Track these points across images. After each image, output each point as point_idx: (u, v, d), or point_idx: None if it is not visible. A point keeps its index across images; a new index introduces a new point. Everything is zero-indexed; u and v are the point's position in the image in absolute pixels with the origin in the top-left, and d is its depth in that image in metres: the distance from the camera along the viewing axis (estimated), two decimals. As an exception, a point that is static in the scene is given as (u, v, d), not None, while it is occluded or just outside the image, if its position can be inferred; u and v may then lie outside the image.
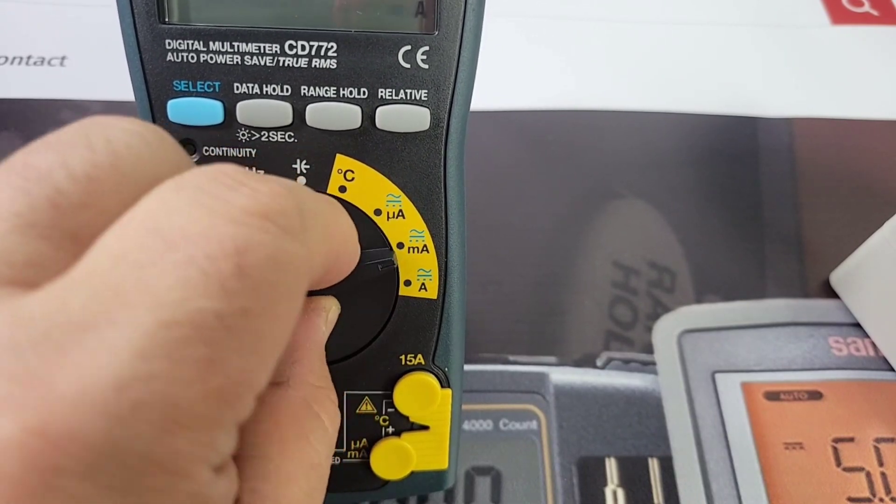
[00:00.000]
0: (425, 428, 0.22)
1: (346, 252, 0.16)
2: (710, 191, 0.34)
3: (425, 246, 0.20)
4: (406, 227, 0.20)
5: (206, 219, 0.11)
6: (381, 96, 0.18)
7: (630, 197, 0.34)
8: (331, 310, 0.18)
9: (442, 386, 0.21)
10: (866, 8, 0.43)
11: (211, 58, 0.18)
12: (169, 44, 0.18)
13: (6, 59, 0.37)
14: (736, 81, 0.39)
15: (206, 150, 0.19)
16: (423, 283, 0.20)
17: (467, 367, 0.28)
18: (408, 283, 0.20)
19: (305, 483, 0.15)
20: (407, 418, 0.22)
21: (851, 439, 0.27)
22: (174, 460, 0.10)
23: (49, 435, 0.09)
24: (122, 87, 0.37)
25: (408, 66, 0.18)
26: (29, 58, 0.37)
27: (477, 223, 0.32)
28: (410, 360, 0.21)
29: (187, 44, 0.18)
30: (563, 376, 0.28)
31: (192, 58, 0.18)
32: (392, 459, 0.22)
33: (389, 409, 0.21)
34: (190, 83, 0.18)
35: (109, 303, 0.10)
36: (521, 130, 0.36)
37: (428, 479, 0.22)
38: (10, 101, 0.35)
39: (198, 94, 0.18)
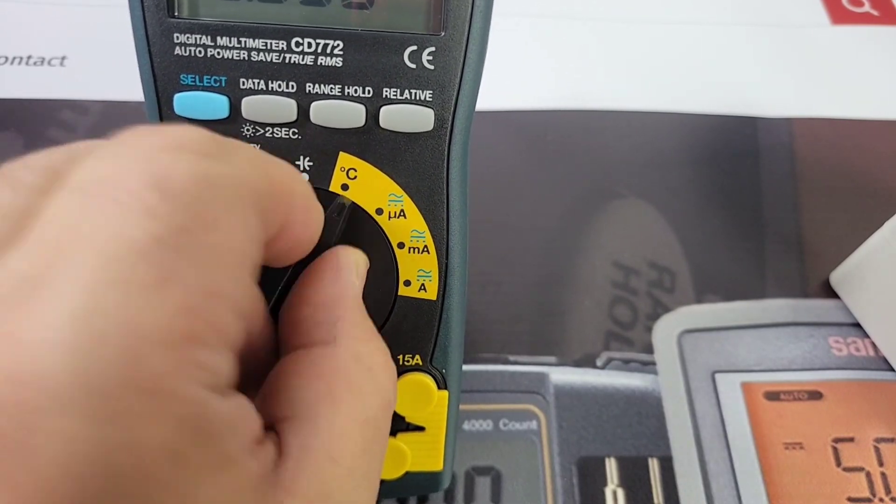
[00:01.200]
0: (421, 429, 0.22)
1: (298, 197, 0.15)
2: (710, 191, 0.34)
3: (426, 247, 0.20)
4: (407, 227, 0.20)
5: (123, 163, 0.12)
6: (386, 96, 0.18)
7: (630, 197, 0.34)
8: (359, 263, 0.18)
9: (439, 387, 0.21)
10: (866, 8, 0.43)
11: (218, 53, 0.18)
12: (177, 38, 0.18)
13: (6, 59, 0.37)
14: (736, 81, 0.39)
15: None
16: (422, 284, 0.20)
17: (467, 367, 0.28)
18: (407, 283, 0.20)
19: (360, 437, 0.14)
20: (403, 418, 0.21)
21: (851, 439, 0.27)
22: (152, 381, 0.10)
23: (16, 380, 0.09)
24: (122, 87, 0.37)
25: (413, 66, 0.18)
26: (29, 58, 0.37)
27: (477, 223, 0.32)
28: (408, 361, 0.21)
29: (195, 38, 0.18)
30: (563, 376, 0.28)
31: (200, 52, 0.18)
32: (387, 459, 0.21)
33: None
34: (197, 77, 0.18)
35: (52, 258, 0.11)
36: (521, 130, 0.36)
37: (423, 481, 0.22)
38: (10, 101, 0.35)
39: (204, 89, 0.18)
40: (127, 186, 0.11)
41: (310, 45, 0.18)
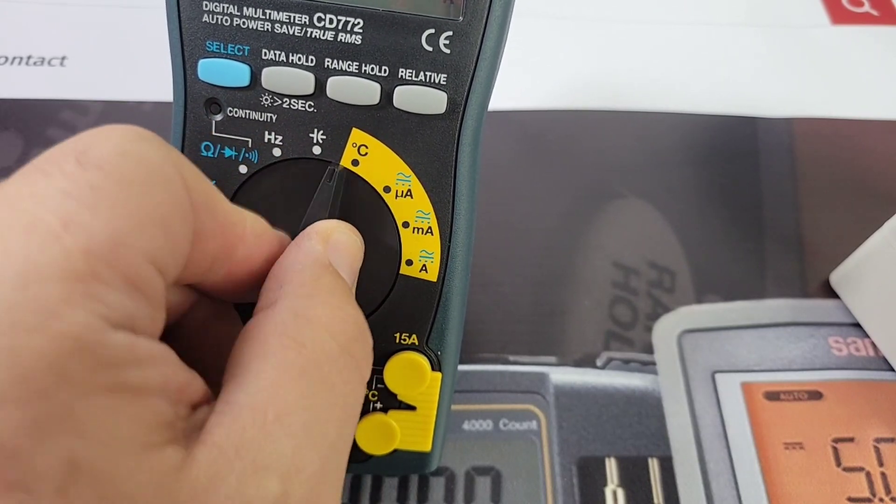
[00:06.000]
0: (412, 408, 0.22)
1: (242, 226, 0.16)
2: (710, 191, 0.34)
3: (430, 228, 0.20)
4: (413, 207, 0.20)
5: (60, 146, 0.13)
6: (401, 76, 0.19)
7: (630, 197, 0.34)
8: (332, 231, 0.18)
9: (433, 369, 0.21)
10: (866, 8, 0.43)
11: (243, 22, 0.18)
12: (206, 5, 0.18)
13: (6, 59, 0.37)
14: (736, 81, 0.39)
15: (231, 111, 0.19)
16: (424, 265, 0.20)
17: (467, 368, 0.28)
18: (409, 262, 0.20)
19: (295, 386, 0.14)
20: (395, 396, 0.22)
21: (851, 439, 0.27)
22: (40, 303, 0.11)
23: None
24: (122, 87, 0.37)
25: (430, 49, 0.18)
26: (29, 58, 0.37)
27: (477, 223, 0.32)
28: (405, 339, 0.21)
29: (223, 7, 0.18)
30: (563, 376, 0.28)
31: (226, 21, 0.18)
32: (376, 434, 0.22)
33: (379, 385, 0.22)
34: (222, 45, 0.19)
35: None
36: (521, 130, 0.36)
37: (411, 460, 0.23)
38: (10, 101, 0.35)
39: (228, 57, 0.19)
40: (54, 159, 0.13)
41: (331, 21, 0.18)
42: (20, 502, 0.11)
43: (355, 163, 0.19)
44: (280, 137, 0.19)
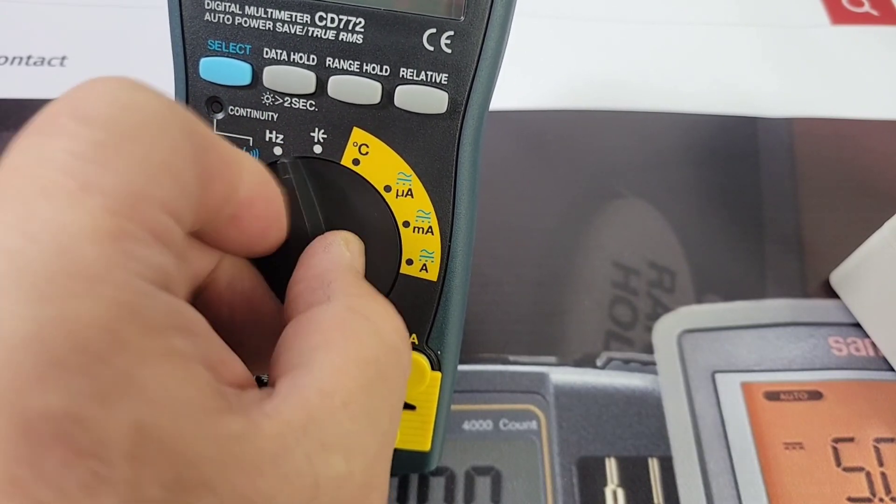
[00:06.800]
0: (412, 407, 0.22)
1: (247, 165, 0.16)
2: (710, 191, 0.34)
3: (430, 227, 0.20)
4: (413, 207, 0.20)
5: (52, 105, 0.13)
6: (402, 75, 0.19)
7: (630, 197, 0.34)
8: (348, 240, 0.19)
9: (433, 368, 0.21)
10: (866, 8, 0.43)
11: (245, 21, 0.18)
12: (208, 4, 0.18)
13: (6, 59, 0.37)
14: (736, 81, 0.39)
15: (232, 110, 0.19)
16: (424, 264, 0.20)
17: (467, 368, 0.28)
18: (409, 262, 0.20)
19: (358, 375, 0.15)
20: None
21: (851, 439, 0.27)
22: (81, 268, 0.11)
23: None
24: (122, 87, 0.37)
25: (431, 48, 0.18)
26: (29, 58, 0.37)
27: (478, 223, 0.32)
28: None
29: (224, 5, 0.18)
30: (563, 376, 0.28)
31: (228, 19, 0.18)
32: None
33: None
34: (223, 44, 0.19)
35: None
36: (521, 130, 0.36)
37: (410, 459, 0.23)
38: (10, 101, 0.35)
39: (229, 55, 0.19)
40: (51, 120, 0.13)
41: (332, 20, 0.18)
42: (92, 469, 0.10)
43: (356, 162, 0.19)
44: (281, 136, 0.19)
